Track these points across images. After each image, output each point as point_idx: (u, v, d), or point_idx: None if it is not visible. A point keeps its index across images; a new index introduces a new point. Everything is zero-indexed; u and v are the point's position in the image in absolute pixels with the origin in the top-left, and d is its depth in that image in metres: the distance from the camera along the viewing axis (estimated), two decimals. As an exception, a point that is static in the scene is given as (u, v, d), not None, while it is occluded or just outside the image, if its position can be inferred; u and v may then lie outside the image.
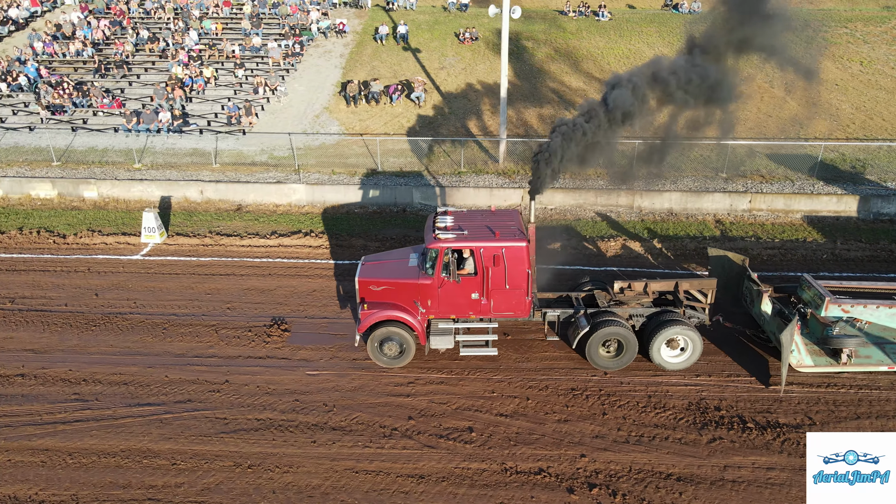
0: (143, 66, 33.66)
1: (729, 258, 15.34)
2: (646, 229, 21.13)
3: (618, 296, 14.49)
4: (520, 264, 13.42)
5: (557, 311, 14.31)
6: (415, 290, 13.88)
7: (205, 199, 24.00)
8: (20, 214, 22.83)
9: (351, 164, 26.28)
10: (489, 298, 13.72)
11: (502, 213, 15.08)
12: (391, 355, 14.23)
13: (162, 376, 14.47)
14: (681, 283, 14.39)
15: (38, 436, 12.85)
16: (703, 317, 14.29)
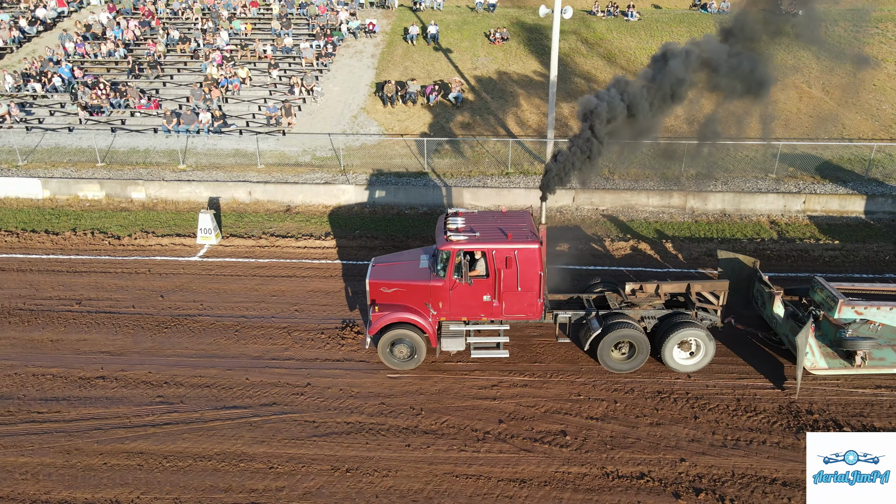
0: (175, 66, 33.60)
1: (739, 260, 15.25)
2: (700, 230, 21.06)
3: (629, 297, 14.39)
4: (532, 266, 13.34)
5: (569, 313, 14.22)
6: (426, 292, 13.81)
7: (253, 200, 23.96)
8: (70, 216, 22.80)
9: (397, 165, 26.24)
10: (501, 300, 13.65)
11: (513, 214, 14.99)
12: (402, 358, 14.15)
13: (243, 379, 14.43)
14: (693, 285, 14.30)
15: (130, 438, 12.78)
16: (715, 319, 14.20)
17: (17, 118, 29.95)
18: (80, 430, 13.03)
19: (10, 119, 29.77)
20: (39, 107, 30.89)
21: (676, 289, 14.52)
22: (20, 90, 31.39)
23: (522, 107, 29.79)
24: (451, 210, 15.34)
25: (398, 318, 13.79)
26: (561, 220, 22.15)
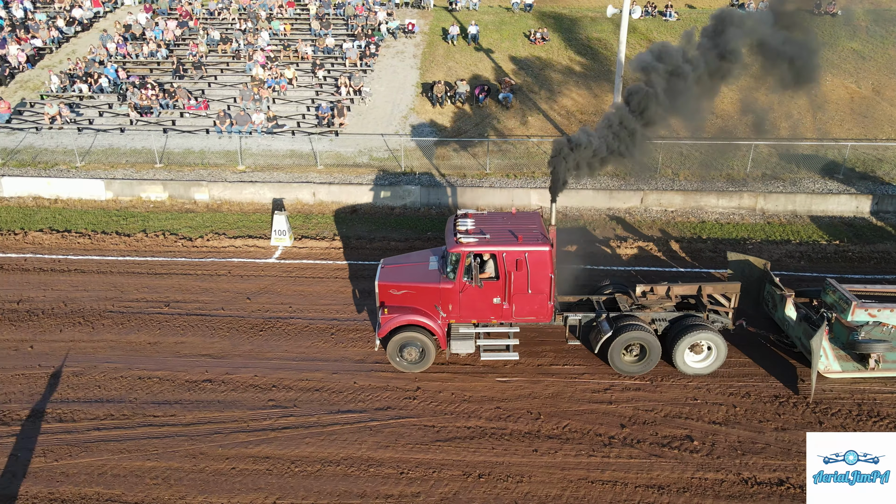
0: (217, 67, 33.50)
1: (750, 262, 15.17)
2: (775, 232, 21.00)
3: (640, 300, 14.34)
4: (543, 268, 13.24)
5: (579, 315, 14.16)
6: (436, 295, 13.76)
7: (317, 201, 23.90)
8: (137, 217, 22.74)
9: (455, 166, 26.17)
10: (511, 303, 13.58)
11: (523, 215, 14.93)
12: (411, 360, 14.09)
13: (351, 382, 14.38)
14: (704, 287, 14.24)
15: (253, 443, 12.72)
16: (727, 321, 14.14)
17: (68, 119, 29.85)
18: (201, 435, 12.93)
19: (60, 120, 29.67)
20: (87, 107, 30.79)
21: (687, 291, 14.48)
22: (66, 91, 31.28)
23: (572, 107, 29.71)
24: (461, 211, 15.28)
25: (408, 321, 13.71)
26: (632, 222, 22.03)
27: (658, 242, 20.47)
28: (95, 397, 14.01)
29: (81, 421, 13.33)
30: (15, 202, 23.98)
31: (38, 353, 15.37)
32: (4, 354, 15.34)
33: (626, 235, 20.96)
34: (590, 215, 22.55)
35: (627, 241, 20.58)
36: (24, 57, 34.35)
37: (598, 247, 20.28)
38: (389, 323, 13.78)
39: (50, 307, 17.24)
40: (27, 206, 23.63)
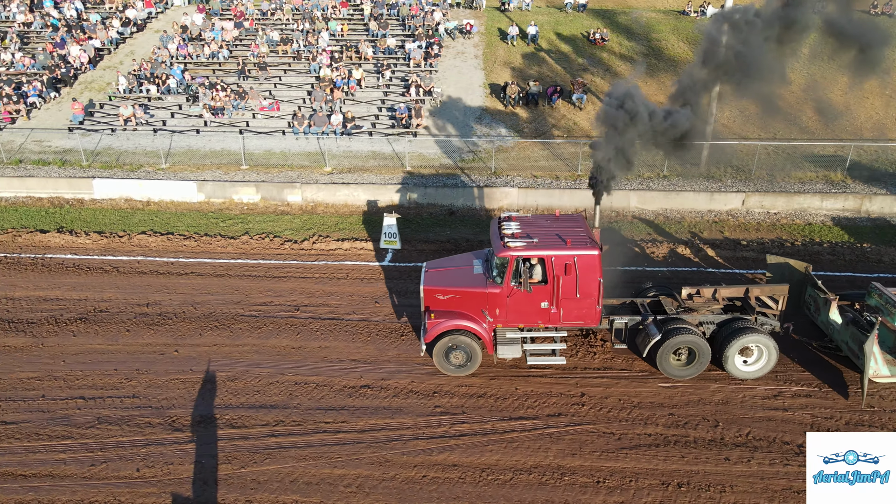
0: (279, 67, 33.30)
1: (790, 265, 15.02)
2: (887, 235, 20.79)
3: (686, 302, 14.23)
4: (592, 272, 13.13)
5: (625, 319, 14.06)
6: (483, 299, 13.66)
7: (413, 203, 23.72)
8: (235, 219, 22.59)
9: (546, 168, 26.02)
10: (559, 307, 13.45)
11: (567, 218, 14.78)
12: (457, 364, 14.04)
13: (512, 388, 14.25)
14: (751, 290, 14.13)
15: (435, 450, 12.59)
16: (775, 324, 13.95)
17: (141, 120, 29.70)
18: (379, 441, 12.78)
19: (134, 121, 29.50)
20: (155, 108, 30.62)
21: (734, 293, 14.35)
22: (132, 91, 31.12)
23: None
24: (504, 214, 15.18)
25: (455, 326, 13.61)
26: (734, 225, 21.86)
27: (771, 246, 20.27)
28: (259, 403, 13.82)
29: (254, 427, 13.14)
30: (107, 204, 23.82)
31: (185, 358, 15.20)
32: (152, 359, 15.16)
33: (737, 238, 20.81)
34: (691, 217, 22.37)
35: (728, 244, 20.41)
36: (85, 58, 34.15)
37: (704, 250, 20.10)
38: (436, 328, 13.65)
39: (180, 310, 17.06)
40: (121, 208, 23.47)
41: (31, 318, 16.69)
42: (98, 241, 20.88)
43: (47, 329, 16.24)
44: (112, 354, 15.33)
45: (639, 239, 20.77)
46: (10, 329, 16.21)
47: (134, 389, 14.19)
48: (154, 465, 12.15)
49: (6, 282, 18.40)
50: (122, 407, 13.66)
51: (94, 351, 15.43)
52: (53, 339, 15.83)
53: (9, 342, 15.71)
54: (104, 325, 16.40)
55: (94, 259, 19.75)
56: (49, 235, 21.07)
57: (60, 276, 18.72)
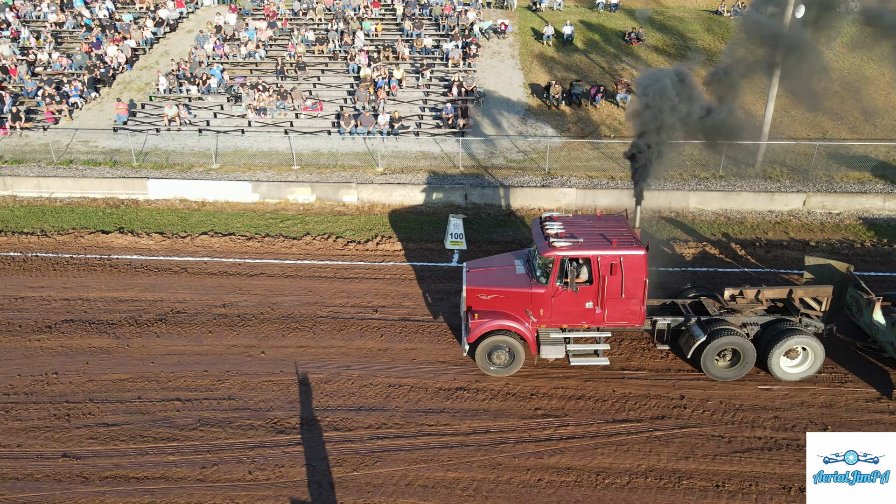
0: (316, 67, 33.20)
1: (831, 265, 14.88)
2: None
3: (729, 303, 14.10)
4: (638, 273, 13.08)
5: (668, 319, 13.99)
6: (527, 299, 13.60)
7: (469, 203, 23.61)
8: (293, 220, 22.52)
9: (599, 168, 25.92)
10: (604, 308, 13.41)
11: (609, 218, 14.73)
12: (500, 364, 14.03)
13: (609, 390, 14.19)
14: (795, 291, 14.06)
15: (545, 453, 12.51)
16: (819, 325, 13.90)
17: (185, 120, 29.61)
18: (486, 444, 12.70)
19: (178, 121, 29.41)
20: (197, 108, 30.52)
21: (778, 294, 14.27)
22: (172, 92, 31.03)
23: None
24: (546, 214, 15.13)
25: (499, 326, 13.58)
26: (797, 226, 21.76)
27: (840, 247, 20.17)
28: (356, 405, 13.73)
29: (357, 429, 13.05)
30: (162, 204, 23.72)
31: (273, 360, 15.11)
32: (240, 360, 15.06)
33: (803, 239, 20.73)
34: (753, 218, 22.28)
35: (796, 246, 20.33)
36: (123, 58, 34.06)
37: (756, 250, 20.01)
38: (481, 327, 13.60)
39: (258, 311, 16.98)
40: (176, 209, 23.37)
41: (109, 319, 16.57)
42: (161, 241, 20.77)
43: (129, 330, 16.12)
44: (199, 356, 15.20)
45: (704, 239, 20.65)
46: (92, 330, 16.10)
47: (228, 391, 14.06)
48: (265, 468, 12.05)
49: (78, 282, 18.30)
50: (221, 409, 13.53)
51: (180, 352, 15.31)
52: (138, 341, 15.71)
53: (94, 343, 15.60)
54: (185, 327, 16.26)
55: (161, 260, 19.62)
56: (112, 236, 20.97)
57: (131, 277, 18.61)
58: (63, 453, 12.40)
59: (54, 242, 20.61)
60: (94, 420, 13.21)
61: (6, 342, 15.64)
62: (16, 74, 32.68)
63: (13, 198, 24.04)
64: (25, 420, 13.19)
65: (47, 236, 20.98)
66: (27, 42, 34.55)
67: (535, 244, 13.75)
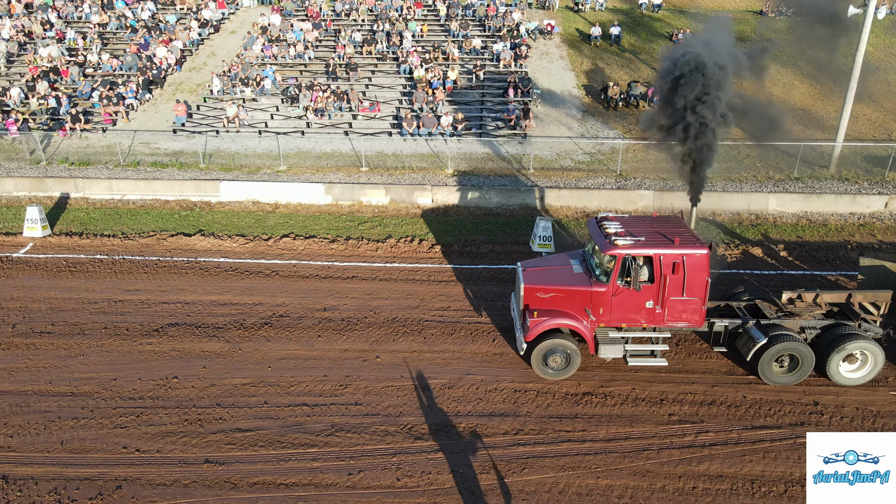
0: (366, 69, 33.06)
1: (886, 268, 14.68)
2: None
3: (787, 307, 13.93)
4: (700, 272, 12.93)
5: (725, 322, 13.84)
6: (587, 298, 13.51)
7: (548, 205, 23.45)
8: (370, 222, 22.44)
9: (669, 170, 25.60)
10: (664, 307, 13.26)
11: (666, 218, 14.66)
12: (556, 367, 13.95)
13: (739, 395, 14.10)
14: (854, 295, 13.85)
15: (693, 460, 12.38)
16: (877, 330, 13.72)
17: (244, 121, 29.49)
18: (630, 451, 12.57)
19: (238, 122, 29.28)
20: (251, 110, 30.40)
21: (836, 298, 14.04)
22: (226, 93, 30.91)
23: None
24: (601, 214, 15.04)
25: (560, 324, 13.49)
26: (881, 228, 21.62)
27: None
28: (487, 410, 13.58)
29: (494, 435, 12.90)
30: (235, 206, 23.58)
31: (389, 364, 14.98)
32: (357, 365, 14.93)
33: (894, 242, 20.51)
34: (835, 221, 22.12)
35: (891, 248, 20.14)
36: (172, 59, 33.95)
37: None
38: (540, 325, 13.46)
39: (361, 315, 16.84)
40: (250, 211, 23.24)
41: (214, 322, 16.42)
42: (244, 244, 20.62)
43: (237, 334, 15.97)
44: (314, 361, 15.07)
45: (791, 242, 20.57)
46: (200, 334, 15.96)
47: (353, 396, 13.90)
48: (412, 475, 11.89)
49: (172, 285, 18.16)
50: (351, 414, 13.37)
51: (294, 357, 15.16)
52: (249, 345, 15.56)
53: (206, 347, 15.46)
54: (293, 331, 16.12)
55: (249, 263, 19.47)
56: (194, 238, 20.84)
57: (224, 281, 18.47)
58: (205, 459, 12.21)
59: (138, 245, 20.44)
60: (226, 425, 13.02)
61: (118, 346, 15.47)
62: (67, 76, 32.50)
63: (85, 200, 23.90)
64: (158, 425, 13.00)
65: (129, 239, 20.82)
66: (73, 43, 34.37)
67: (594, 243, 13.70)
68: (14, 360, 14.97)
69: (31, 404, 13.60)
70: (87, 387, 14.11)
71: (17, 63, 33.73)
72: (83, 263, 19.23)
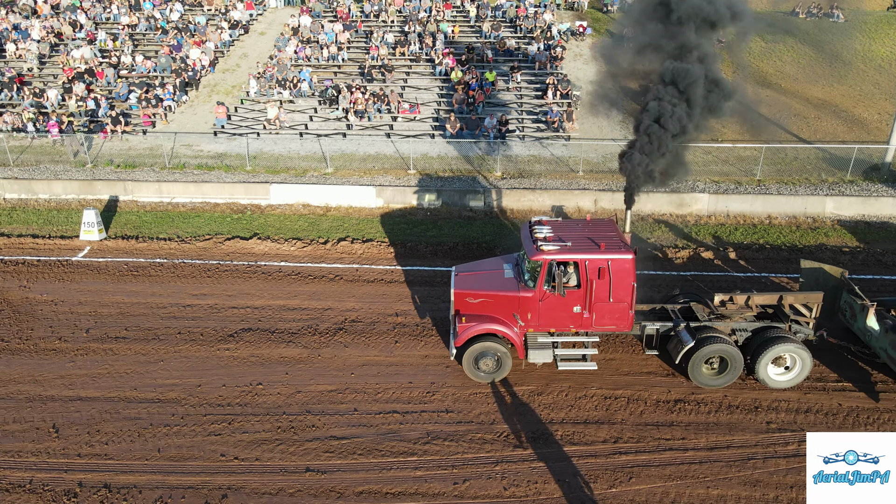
0: (401, 70, 32.90)
1: (825, 271, 14.79)
2: None
3: (719, 309, 13.92)
4: (626, 277, 12.94)
5: (657, 325, 13.81)
6: (515, 303, 13.44)
7: (600, 207, 23.31)
8: (424, 225, 22.37)
9: (719, 172, 25.64)
10: (591, 312, 13.25)
11: (599, 222, 14.64)
12: (487, 370, 13.86)
13: (835, 403, 13.91)
14: (785, 297, 13.85)
15: (801, 470, 12.12)
16: (809, 332, 13.74)
17: (285, 123, 29.34)
18: (736, 460, 12.41)
19: (279, 123, 29.12)
20: (289, 111, 30.23)
21: (768, 300, 14.04)
22: (264, 95, 30.76)
23: (804, 110, 28.99)
24: (535, 218, 14.96)
25: (487, 330, 13.43)
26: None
27: None
28: (580, 418, 13.45)
29: (594, 444, 12.73)
30: (286, 209, 23.44)
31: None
32: (441, 372, 14.79)
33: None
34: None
35: None
36: (206, 60, 33.78)
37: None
38: (468, 331, 13.42)
39: (436, 320, 16.59)
40: (301, 214, 23.09)
41: (288, 328, 16.24)
42: (301, 248, 20.45)
43: (313, 340, 15.80)
44: (396, 367, 14.89)
45: (851, 246, 20.57)
46: (276, 339, 15.77)
47: (442, 404, 13.74)
48: (518, 484, 11.72)
49: (238, 290, 17.99)
50: (443, 422, 13.20)
51: (376, 363, 14.99)
52: (327, 351, 15.39)
53: (284, 353, 15.29)
54: (368, 337, 15.95)
55: (310, 267, 19.31)
56: (251, 242, 20.67)
57: (289, 285, 18.30)
58: (306, 467, 12.03)
59: (196, 249, 20.26)
60: (320, 433, 12.84)
61: (196, 351, 15.29)
62: (103, 77, 32.32)
63: (135, 203, 23.73)
64: (252, 432, 12.81)
65: (186, 242, 20.64)
66: (104, 45, 34.20)
67: (524, 248, 13.54)
68: (94, 365, 14.77)
69: (119, 411, 13.38)
70: (172, 393, 13.90)
71: (48, 64, 33.52)
72: (144, 267, 19.02)
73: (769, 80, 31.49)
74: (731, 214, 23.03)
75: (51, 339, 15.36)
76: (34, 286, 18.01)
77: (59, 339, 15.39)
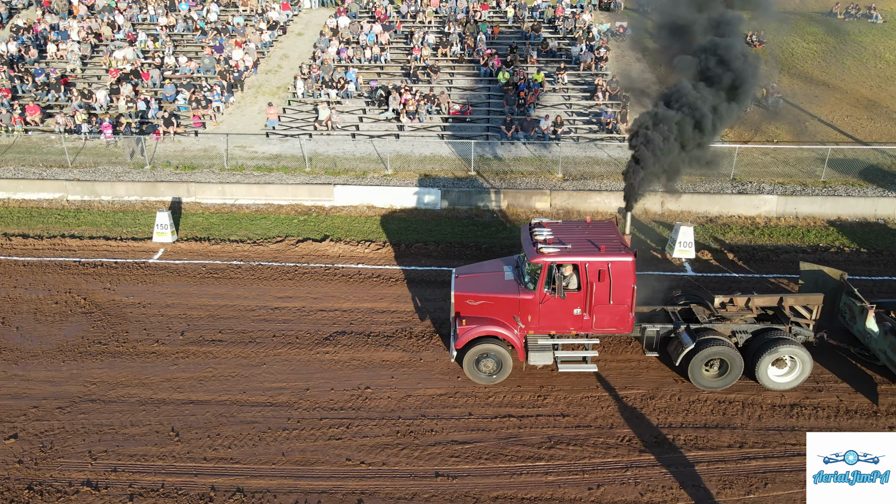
0: (444, 71, 32.78)
1: (824, 273, 14.77)
2: None
3: (719, 311, 13.95)
4: (626, 279, 12.91)
5: (657, 327, 13.80)
6: (515, 306, 13.44)
7: (668, 210, 23.17)
8: (493, 227, 22.20)
9: (780, 174, 25.54)
10: (592, 314, 13.23)
11: (598, 224, 14.63)
12: (488, 372, 13.83)
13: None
14: (785, 299, 13.86)
15: None
16: (809, 334, 13.74)
17: (336, 124, 29.22)
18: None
19: (330, 124, 29.00)
20: (340, 113, 30.13)
21: (768, 302, 14.09)
22: (311, 96, 30.63)
23: (838, 112, 28.87)
24: (535, 220, 14.91)
25: (487, 332, 13.41)
26: None
27: None
28: (700, 422, 13.32)
29: (719, 448, 12.66)
30: (351, 211, 23.32)
31: (577, 374, 14.56)
32: (547, 375, 14.58)
33: None
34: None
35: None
36: (250, 61, 33.68)
37: None
38: (468, 333, 13.39)
39: (528, 324, 16.37)
40: (366, 216, 22.96)
41: (383, 331, 16.12)
42: (376, 249, 20.32)
43: (410, 343, 15.69)
44: (500, 370, 14.67)
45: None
46: (373, 343, 15.66)
47: (556, 407, 13.59)
48: (654, 490, 11.57)
49: (323, 292, 17.89)
50: (563, 426, 13.08)
51: (480, 366, 14.77)
52: (427, 354, 15.26)
53: (385, 357, 15.17)
54: (465, 339, 15.69)
55: (389, 269, 19.18)
56: (325, 244, 20.55)
57: (372, 288, 18.15)
58: (435, 472, 11.89)
59: (270, 251, 20.11)
60: (440, 437, 12.70)
61: (295, 354, 15.16)
62: (148, 78, 32.21)
63: (198, 204, 23.58)
64: (372, 437, 12.67)
65: (258, 244, 20.50)
66: (144, 45, 34.10)
67: (524, 250, 13.52)
68: (197, 368, 14.63)
69: (234, 414, 13.24)
70: (282, 396, 13.76)
71: (90, 65, 33.42)
72: (222, 269, 18.89)
73: (815, 79, 31.37)
74: (800, 216, 22.85)
75: (148, 342, 15.23)
76: (118, 288, 17.87)
77: (156, 341, 15.26)
